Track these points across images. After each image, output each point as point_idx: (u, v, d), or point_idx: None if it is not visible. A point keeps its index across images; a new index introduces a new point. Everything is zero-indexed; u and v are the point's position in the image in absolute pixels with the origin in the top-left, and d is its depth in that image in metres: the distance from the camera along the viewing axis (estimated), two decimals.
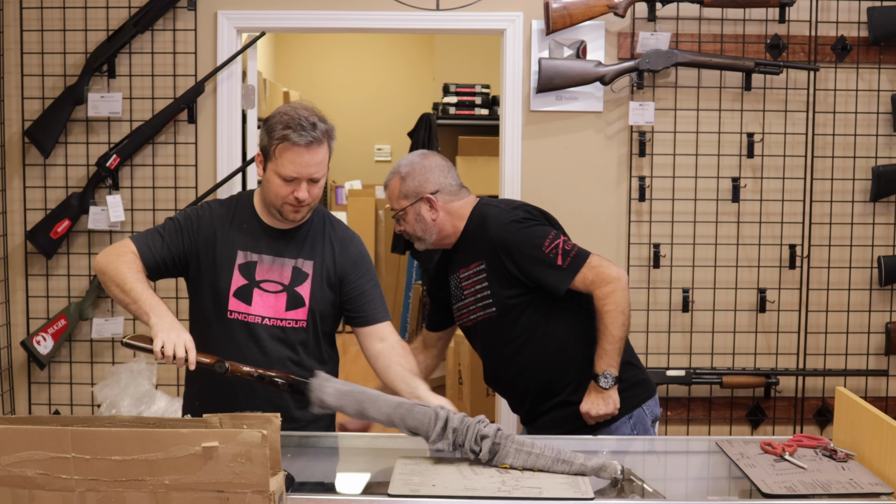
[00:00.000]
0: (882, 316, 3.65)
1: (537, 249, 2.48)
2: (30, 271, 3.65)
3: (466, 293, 2.60)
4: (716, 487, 2.22)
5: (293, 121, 2.28)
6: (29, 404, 3.68)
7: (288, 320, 2.37)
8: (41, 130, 3.52)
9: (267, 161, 2.32)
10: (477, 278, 2.57)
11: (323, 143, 2.30)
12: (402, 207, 2.60)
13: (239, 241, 2.39)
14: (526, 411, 2.64)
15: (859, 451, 2.08)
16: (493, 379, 2.70)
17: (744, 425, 3.68)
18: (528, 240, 2.50)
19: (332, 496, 2.00)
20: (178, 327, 2.18)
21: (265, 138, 2.32)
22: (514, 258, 2.49)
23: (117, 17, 3.55)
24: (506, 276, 2.51)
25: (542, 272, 2.48)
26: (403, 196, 2.60)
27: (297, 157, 2.27)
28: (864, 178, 3.61)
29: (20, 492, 1.66)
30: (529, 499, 1.86)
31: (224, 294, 2.36)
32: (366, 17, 3.57)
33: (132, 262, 2.30)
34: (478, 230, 2.57)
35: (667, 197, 3.60)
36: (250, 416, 1.73)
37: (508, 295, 2.52)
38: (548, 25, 3.46)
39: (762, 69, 3.46)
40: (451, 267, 2.66)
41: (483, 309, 2.57)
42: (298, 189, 2.29)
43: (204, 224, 2.40)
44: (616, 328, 2.45)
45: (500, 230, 2.52)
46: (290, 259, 2.39)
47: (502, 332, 2.55)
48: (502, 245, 2.51)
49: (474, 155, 5.55)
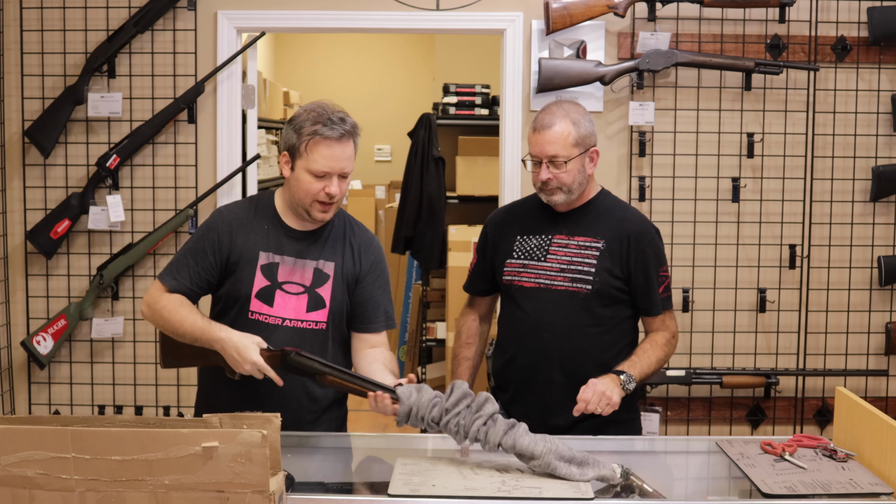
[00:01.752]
0: (882, 316, 3.65)
1: (658, 267, 2.62)
2: (30, 271, 3.65)
3: (551, 258, 2.58)
4: (716, 487, 2.22)
5: (322, 116, 2.31)
6: (29, 404, 3.68)
7: (308, 322, 2.38)
8: (41, 130, 3.52)
9: (295, 160, 2.33)
10: (583, 252, 2.57)
11: (352, 137, 2.34)
12: (571, 156, 2.52)
13: (261, 242, 2.40)
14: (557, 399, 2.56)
15: (859, 451, 2.08)
16: (541, 349, 2.58)
17: (744, 425, 3.68)
18: (660, 254, 2.63)
19: (332, 496, 2.00)
20: (245, 348, 2.22)
21: (293, 136, 2.33)
22: (641, 257, 2.57)
23: (117, 17, 3.55)
24: (620, 266, 2.56)
25: (647, 285, 2.59)
26: (575, 144, 2.53)
27: (329, 150, 2.29)
28: (864, 178, 3.60)
29: (20, 492, 1.66)
30: (529, 499, 1.86)
31: (246, 295, 2.37)
32: (366, 17, 3.57)
33: (177, 302, 2.34)
34: (611, 211, 2.64)
35: (667, 197, 3.60)
36: (250, 416, 1.73)
37: (613, 283, 2.56)
38: (548, 25, 3.46)
39: (762, 69, 3.46)
40: (537, 227, 2.63)
41: (573, 282, 2.55)
42: (330, 184, 2.31)
43: (222, 231, 2.41)
44: (657, 366, 2.58)
45: (645, 226, 2.64)
46: (312, 260, 2.40)
47: (587, 311, 2.56)
48: (640, 239, 2.58)
49: (474, 155, 5.55)
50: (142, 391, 3.67)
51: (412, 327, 5.77)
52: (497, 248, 2.70)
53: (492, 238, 2.73)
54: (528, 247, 2.62)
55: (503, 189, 3.65)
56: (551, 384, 2.56)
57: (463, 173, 5.55)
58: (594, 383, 2.42)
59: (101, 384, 3.67)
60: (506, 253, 2.66)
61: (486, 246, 2.75)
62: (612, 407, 2.41)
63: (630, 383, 2.46)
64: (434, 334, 5.34)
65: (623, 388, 2.45)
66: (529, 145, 2.60)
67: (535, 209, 2.68)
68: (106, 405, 3.67)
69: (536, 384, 2.59)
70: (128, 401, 3.67)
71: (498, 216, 2.78)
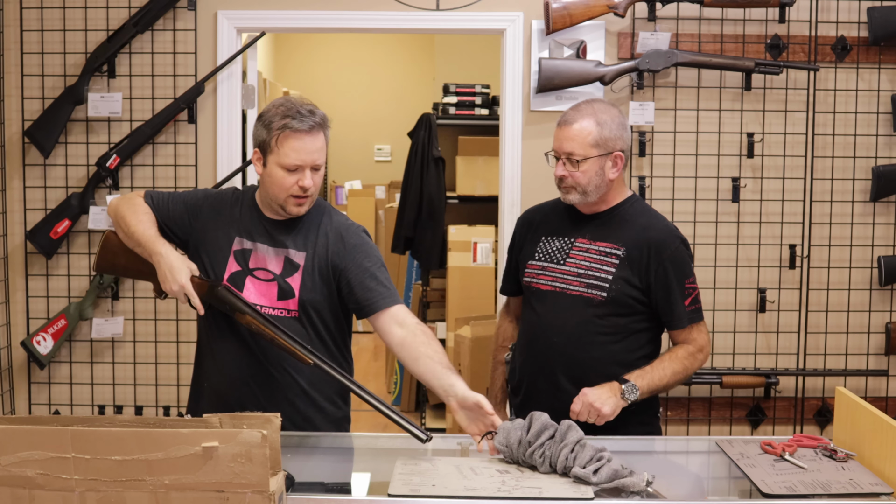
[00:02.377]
0: (882, 316, 3.65)
1: (684, 278, 2.50)
2: (30, 271, 3.65)
3: (570, 262, 2.52)
4: (716, 487, 2.22)
5: (290, 110, 2.30)
6: (29, 404, 3.68)
7: (280, 309, 2.37)
8: (41, 130, 3.52)
9: (267, 155, 2.32)
10: (603, 258, 2.49)
11: (321, 129, 2.33)
12: (588, 156, 2.45)
13: (237, 227, 2.42)
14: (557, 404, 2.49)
15: (859, 451, 2.08)
16: (549, 354, 2.54)
17: (744, 425, 3.68)
18: (684, 266, 2.51)
19: (332, 496, 2.00)
20: (177, 270, 2.30)
21: (263, 132, 2.33)
22: (663, 267, 2.47)
23: (117, 17, 3.55)
24: (639, 276, 2.47)
25: (671, 298, 2.48)
26: (595, 144, 2.45)
27: (300, 143, 2.28)
28: (864, 178, 3.60)
29: (20, 492, 1.66)
30: (529, 499, 1.86)
31: (219, 279, 2.38)
32: (366, 17, 3.56)
33: (144, 210, 2.40)
34: (636, 218, 2.53)
35: (667, 197, 3.60)
36: (250, 416, 1.73)
37: (629, 293, 2.47)
38: (548, 25, 3.46)
39: (762, 69, 3.46)
40: (561, 230, 2.57)
41: (588, 287, 2.48)
42: (303, 178, 2.30)
43: (210, 208, 2.46)
44: (672, 379, 2.48)
45: (669, 236, 2.52)
46: (283, 249, 2.39)
47: (600, 318, 2.48)
48: (661, 249, 2.48)
49: (474, 155, 5.55)
50: (142, 391, 3.67)
51: None
52: (522, 248, 2.66)
53: (519, 237, 2.70)
54: (550, 249, 2.57)
55: (503, 189, 3.65)
56: (558, 390, 2.50)
57: (463, 173, 5.55)
58: (585, 393, 2.38)
59: (101, 384, 3.67)
60: (529, 254, 2.62)
61: (514, 245, 2.72)
62: (602, 418, 2.35)
63: (632, 393, 2.38)
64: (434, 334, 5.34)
65: (623, 397, 2.38)
66: (553, 140, 2.55)
67: (563, 211, 2.61)
68: (106, 405, 3.67)
69: (545, 389, 2.54)
70: (128, 401, 3.67)
71: (528, 215, 2.72)
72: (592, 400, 2.36)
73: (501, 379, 2.75)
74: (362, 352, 7.26)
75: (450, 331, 5.22)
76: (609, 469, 1.92)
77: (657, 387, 2.45)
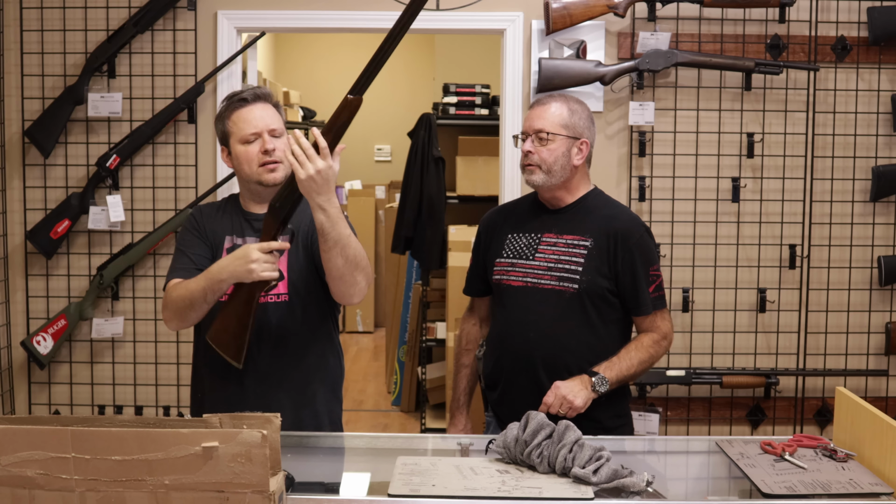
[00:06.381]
0: (882, 316, 3.65)
1: (649, 265, 2.55)
2: (30, 271, 3.65)
3: (539, 256, 2.56)
4: (716, 487, 2.22)
5: (233, 94, 2.45)
6: (29, 404, 3.68)
7: (270, 296, 2.39)
8: (41, 130, 3.52)
9: (229, 141, 2.42)
10: (570, 251, 2.53)
11: (266, 99, 2.42)
12: (557, 134, 2.53)
13: (226, 227, 2.47)
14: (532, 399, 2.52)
15: (859, 451, 2.08)
16: (525, 349, 2.55)
17: (744, 425, 3.68)
18: (649, 253, 2.57)
19: (332, 496, 2.00)
20: (242, 254, 2.25)
21: (219, 124, 2.44)
22: (629, 256, 2.52)
23: (117, 17, 3.55)
24: (608, 266, 2.52)
25: (636, 285, 2.53)
26: (563, 125, 2.54)
27: (248, 112, 2.39)
28: (864, 178, 3.61)
29: (20, 492, 1.66)
30: (529, 499, 1.86)
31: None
32: (366, 17, 3.57)
33: (173, 289, 2.37)
34: (601, 210, 2.59)
35: (667, 197, 3.60)
36: (250, 416, 1.73)
37: (601, 283, 2.51)
38: (548, 25, 3.46)
39: (762, 69, 3.46)
40: (527, 226, 2.61)
41: (560, 280, 2.52)
42: (264, 142, 2.37)
43: (198, 223, 2.50)
44: (640, 368, 2.52)
45: (633, 225, 2.57)
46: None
47: (573, 311, 2.51)
48: (627, 238, 2.53)
49: (474, 155, 5.55)
50: (142, 391, 3.67)
51: (412, 327, 5.76)
52: (489, 247, 2.69)
53: (485, 237, 2.73)
54: (518, 245, 2.61)
55: (503, 189, 3.65)
56: (536, 384, 2.52)
57: (463, 173, 5.54)
58: (557, 386, 2.42)
59: (101, 384, 3.67)
60: (496, 252, 2.65)
61: (479, 245, 2.75)
62: (574, 411, 2.39)
63: (602, 385, 2.43)
64: (434, 334, 5.33)
65: (594, 389, 2.42)
66: (523, 121, 2.63)
67: (528, 208, 2.68)
68: (106, 405, 3.67)
69: (522, 384, 2.56)
70: (128, 401, 3.67)
71: (491, 216, 2.77)
72: (565, 393, 2.40)
73: (464, 382, 2.77)
74: (362, 352, 7.24)
75: (449, 331, 5.21)
76: (609, 469, 1.92)
77: (625, 376, 2.50)
